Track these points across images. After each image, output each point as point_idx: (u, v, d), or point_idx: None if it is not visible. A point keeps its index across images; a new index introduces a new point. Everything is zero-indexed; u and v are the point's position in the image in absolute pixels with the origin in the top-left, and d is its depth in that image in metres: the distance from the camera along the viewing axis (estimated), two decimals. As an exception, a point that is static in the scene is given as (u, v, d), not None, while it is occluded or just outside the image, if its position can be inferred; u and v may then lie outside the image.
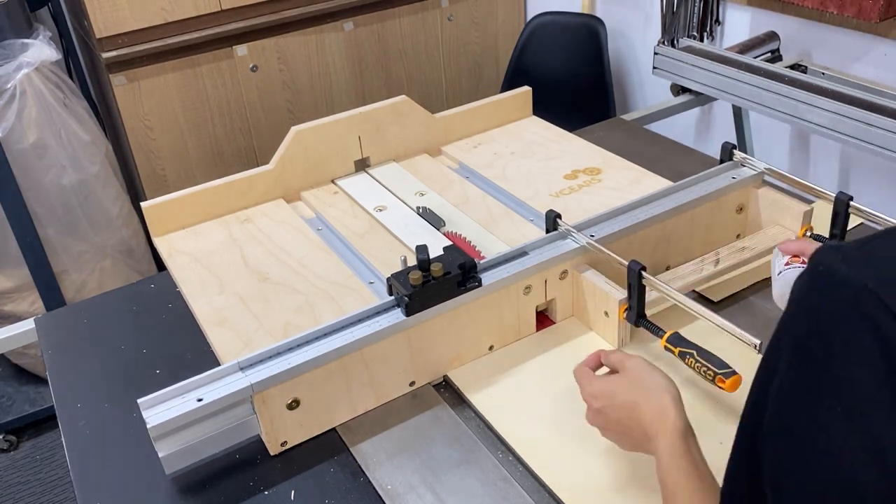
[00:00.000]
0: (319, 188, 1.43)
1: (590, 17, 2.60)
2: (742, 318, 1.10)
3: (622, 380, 0.85)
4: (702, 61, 1.81)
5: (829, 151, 2.04)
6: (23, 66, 2.02)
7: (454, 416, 0.99)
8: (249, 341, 1.07)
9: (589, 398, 0.87)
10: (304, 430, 0.97)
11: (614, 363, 0.88)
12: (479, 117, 1.59)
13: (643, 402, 0.81)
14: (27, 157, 2.08)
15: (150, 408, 0.88)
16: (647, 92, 2.60)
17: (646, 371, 0.84)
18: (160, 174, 2.39)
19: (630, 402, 0.82)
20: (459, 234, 1.27)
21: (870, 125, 1.49)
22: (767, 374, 0.54)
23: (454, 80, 2.85)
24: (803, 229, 1.17)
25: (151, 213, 1.31)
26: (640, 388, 0.82)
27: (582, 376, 0.89)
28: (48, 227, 2.18)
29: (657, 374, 0.83)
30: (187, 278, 1.22)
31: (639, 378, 0.83)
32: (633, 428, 0.81)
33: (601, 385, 0.86)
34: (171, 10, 2.20)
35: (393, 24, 2.62)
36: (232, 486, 0.92)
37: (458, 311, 1.01)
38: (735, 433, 0.61)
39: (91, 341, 1.18)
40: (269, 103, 2.48)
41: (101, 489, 0.93)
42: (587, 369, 0.90)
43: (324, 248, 1.26)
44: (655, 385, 0.82)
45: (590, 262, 1.10)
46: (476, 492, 0.88)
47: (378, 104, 1.44)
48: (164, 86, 2.29)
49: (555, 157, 1.49)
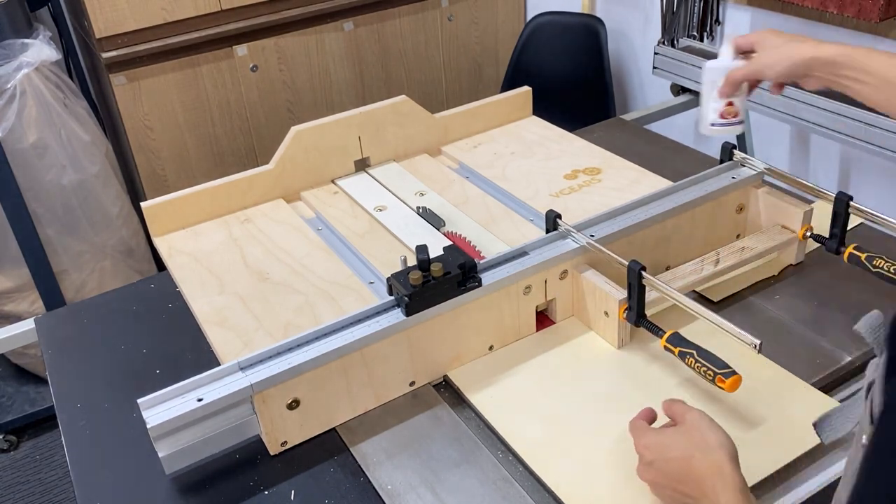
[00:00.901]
0: (319, 188, 1.43)
1: (590, 17, 2.60)
2: (742, 318, 1.11)
3: (678, 433, 0.81)
4: (702, 61, 1.81)
5: (829, 151, 2.04)
6: (23, 66, 2.02)
7: (454, 416, 0.99)
8: (249, 341, 1.07)
9: (642, 450, 0.83)
10: (304, 430, 0.97)
11: (674, 414, 0.85)
12: (479, 117, 1.59)
13: (699, 457, 0.77)
14: (27, 157, 2.08)
15: (150, 408, 0.88)
16: (647, 92, 2.60)
17: (705, 425, 0.80)
18: (160, 174, 2.39)
19: (685, 457, 0.78)
20: (459, 234, 1.27)
21: (870, 125, 1.49)
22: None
23: (454, 80, 2.85)
24: (803, 229, 1.17)
25: (151, 213, 1.31)
26: (698, 442, 0.79)
27: (635, 428, 0.86)
28: (48, 227, 2.18)
29: (716, 430, 0.80)
30: (187, 278, 1.22)
31: (697, 432, 0.80)
32: (687, 483, 0.78)
33: (655, 437, 0.83)
34: (171, 10, 2.20)
35: (393, 24, 2.62)
36: (232, 486, 0.92)
37: (458, 311, 1.01)
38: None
39: (91, 341, 1.18)
40: (269, 103, 2.48)
41: (101, 489, 0.93)
42: (641, 422, 0.87)
43: (324, 248, 1.26)
44: (713, 441, 0.78)
45: (590, 262, 1.10)
46: (476, 492, 0.88)
47: (378, 104, 1.44)
48: (164, 86, 2.29)
49: (555, 157, 1.49)
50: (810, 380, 0.99)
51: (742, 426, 0.92)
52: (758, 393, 0.96)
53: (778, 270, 1.20)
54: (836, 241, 1.14)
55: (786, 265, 1.20)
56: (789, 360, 1.01)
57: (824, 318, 1.10)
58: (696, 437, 0.80)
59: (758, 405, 0.95)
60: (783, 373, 0.99)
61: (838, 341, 1.06)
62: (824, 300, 1.13)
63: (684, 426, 0.82)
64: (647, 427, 0.86)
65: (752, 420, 0.93)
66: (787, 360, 1.01)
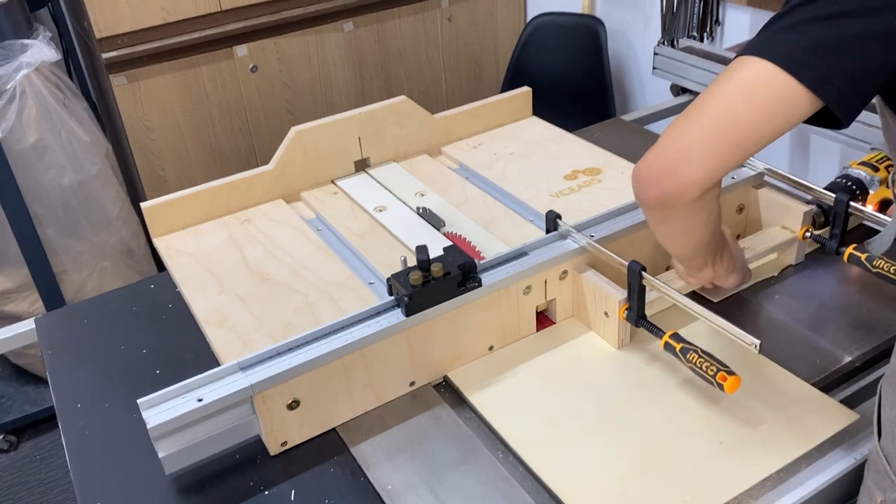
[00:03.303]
0: (319, 188, 1.43)
1: (590, 17, 2.60)
2: (742, 319, 1.11)
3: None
4: (702, 61, 1.81)
5: (829, 151, 2.04)
6: (23, 66, 2.02)
7: (454, 416, 0.99)
8: (249, 342, 1.07)
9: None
10: (304, 430, 0.97)
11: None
12: (479, 117, 1.59)
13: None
14: (27, 157, 2.08)
15: (150, 408, 0.88)
16: (647, 92, 2.60)
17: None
18: (160, 174, 2.39)
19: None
20: (459, 234, 1.27)
21: (870, 125, 1.49)
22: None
23: (454, 80, 2.85)
24: (803, 229, 1.17)
25: (151, 214, 1.31)
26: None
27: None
28: (48, 227, 2.18)
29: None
30: (187, 278, 1.22)
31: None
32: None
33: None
34: (171, 10, 2.20)
35: (392, 24, 2.62)
36: (232, 486, 0.92)
37: (458, 312, 1.01)
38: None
39: (91, 341, 1.18)
40: (269, 103, 2.48)
41: (101, 489, 0.93)
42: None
43: (324, 249, 1.26)
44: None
45: (590, 263, 1.10)
46: (476, 492, 0.88)
47: (378, 104, 1.44)
48: (164, 86, 2.29)
49: (555, 157, 1.49)
50: (810, 380, 0.99)
51: (742, 426, 0.92)
52: (758, 393, 0.96)
53: (778, 270, 1.20)
54: (836, 241, 1.14)
55: (786, 265, 1.21)
56: (789, 360, 1.01)
57: (824, 318, 1.10)
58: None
59: (758, 405, 0.95)
60: (783, 373, 0.99)
61: (838, 341, 1.06)
62: (824, 300, 1.13)
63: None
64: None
65: (752, 420, 0.93)
66: (787, 360, 1.01)
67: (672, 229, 0.89)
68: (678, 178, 0.79)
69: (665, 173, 0.80)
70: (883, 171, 1.23)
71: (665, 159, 0.80)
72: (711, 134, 0.76)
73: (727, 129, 0.75)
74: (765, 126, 0.74)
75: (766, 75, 0.72)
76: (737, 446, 0.90)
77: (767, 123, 0.74)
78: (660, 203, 0.82)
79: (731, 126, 0.75)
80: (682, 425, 0.93)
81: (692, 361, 0.92)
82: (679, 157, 0.78)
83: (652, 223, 0.90)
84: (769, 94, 0.72)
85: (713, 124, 0.76)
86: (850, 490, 0.89)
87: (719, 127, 0.75)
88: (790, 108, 0.72)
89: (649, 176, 0.82)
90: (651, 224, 0.90)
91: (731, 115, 0.74)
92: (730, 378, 0.88)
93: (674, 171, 0.79)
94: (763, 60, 0.72)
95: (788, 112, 0.72)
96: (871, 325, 1.08)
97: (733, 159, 0.77)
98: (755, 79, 0.73)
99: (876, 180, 1.22)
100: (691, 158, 0.77)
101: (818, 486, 0.86)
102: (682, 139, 0.78)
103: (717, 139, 0.76)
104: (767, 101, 0.72)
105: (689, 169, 0.78)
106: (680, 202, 0.81)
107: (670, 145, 0.79)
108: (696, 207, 0.83)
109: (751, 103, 0.73)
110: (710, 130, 0.76)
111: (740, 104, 0.74)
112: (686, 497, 0.85)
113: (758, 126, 0.74)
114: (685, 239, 0.91)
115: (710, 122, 0.76)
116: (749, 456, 0.89)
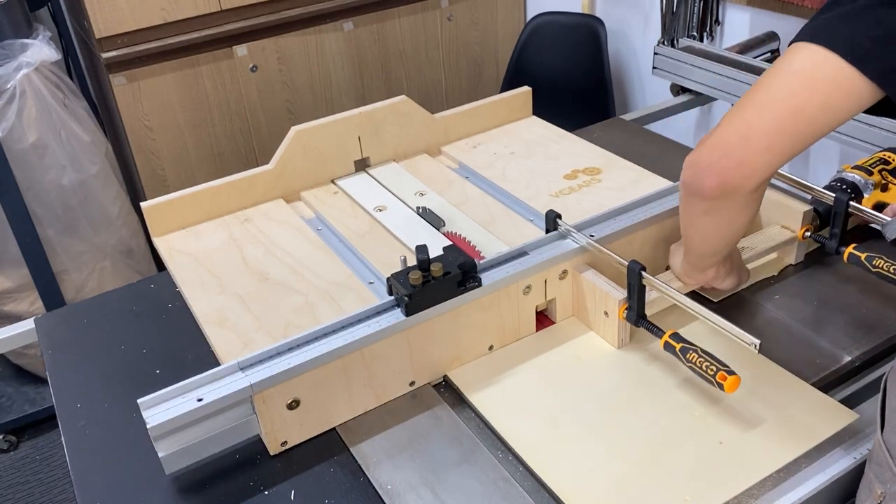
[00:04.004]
0: (319, 188, 1.43)
1: (590, 17, 2.60)
2: (742, 318, 1.11)
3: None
4: (702, 61, 1.81)
5: (829, 151, 2.04)
6: (23, 66, 2.02)
7: (454, 416, 0.99)
8: (249, 341, 1.07)
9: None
10: (304, 430, 0.97)
11: None
12: (478, 117, 1.59)
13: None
14: (27, 157, 2.08)
15: (150, 408, 0.88)
16: (647, 92, 2.61)
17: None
18: (160, 174, 2.39)
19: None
20: (459, 234, 1.27)
21: (870, 125, 1.49)
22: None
23: (454, 80, 2.86)
24: (803, 229, 1.17)
25: (151, 213, 1.31)
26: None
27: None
28: (48, 227, 2.18)
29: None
30: (187, 278, 1.22)
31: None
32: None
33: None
34: (171, 10, 2.20)
35: (392, 24, 2.62)
36: (232, 486, 0.92)
37: (458, 311, 1.01)
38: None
39: (91, 341, 1.18)
40: (269, 103, 2.48)
41: (101, 489, 0.93)
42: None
43: (324, 248, 1.26)
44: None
45: (590, 262, 1.10)
46: (476, 492, 0.88)
47: (378, 104, 1.44)
48: (164, 86, 2.29)
49: (555, 157, 1.50)
50: (810, 380, 0.99)
51: (742, 426, 0.92)
52: (758, 393, 0.96)
53: (778, 270, 1.20)
54: (836, 241, 1.14)
55: (786, 265, 1.21)
56: (789, 360, 1.01)
57: (824, 318, 1.10)
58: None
59: (758, 405, 0.95)
60: (783, 373, 0.99)
61: (838, 341, 1.06)
62: (824, 300, 1.13)
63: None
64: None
65: (752, 420, 0.93)
66: (787, 360, 1.01)
67: (715, 221, 0.89)
68: (740, 168, 0.79)
69: (727, 162, 0.79)
70: (877, 175, 1.23)
71: (727, 149, 0.80)
72: (775, 125, 0.75)
73: (790, 120, 0.74)
74: (826, 116, 0.74)
75: (831, 67, 0.71)
76: (737, 446, 0.90)
77: (829, 113, 0.73)
78: (718, 192, 0.82)
79: (794, 118, 0.74)
80: (682, 425, 0.93)
81: (692, 361, 0.92)
82: (741, 148, 0.78)
83: (695, 214, 0.89)
84: (832, 85, 0.71)
85: (776, 115, 0.75)
86: (849, 490, 0.89)
87: (782, 118, 0.75)
88: (852, 99, 0.72)
89: (709, 165, 0.82)
90: (693, 216, 0.90)
91: (794, 106, 0.74)
92: (730, 378, 0.88)
93: (736, 161, 0.79)
94: (826, 50, 0.71)
95: (850, 103, 0.72)
96: (871, 325, 1.08)
97: (795, 150, 0.77)
98: (818, 70, 0.72)
99: (870, 184, 1.22)
100: (754, 149, 0.77)
101: (818, 485, 0.86)
102: (745, 130, 0.78)
103: (780, 130, 0.75)
104: (830, 93, 0.72)
105: (752, 159, 0.78)
106: (739, 192, 0.81)
107: (732, 135, 0.79)
108: (749, 199, 0.83)
109: (814, 95, 0.73)
110: (774, 121, 0.76)
111: (803, 95, 0.73)
112: (686, 497, 0.85)
113: (820, 117, 0.74)
114: (723, 233, 0.91)
115: (774, 114, 0.75)
116: (749, 456, 0.89)
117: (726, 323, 0.91)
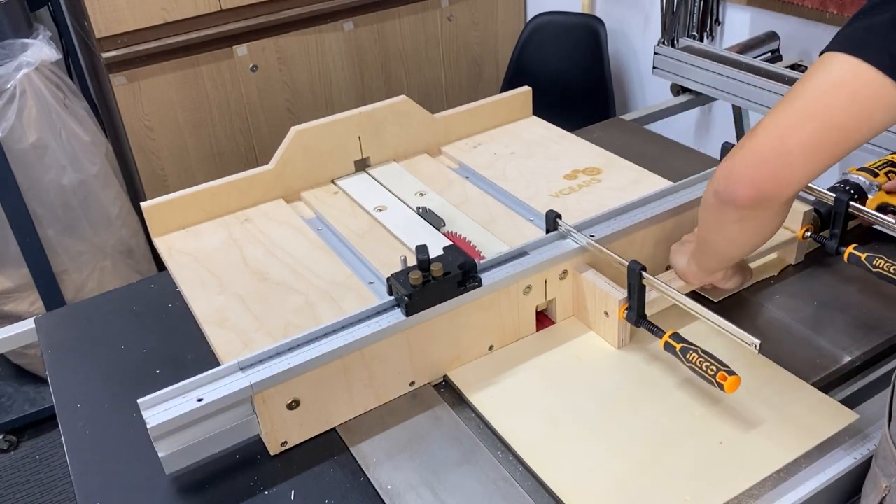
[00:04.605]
0: (319, 188, 1.43)
1: (590, 17, 2.60)
2: (742, 318, 1.11)
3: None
4: (702, 61, 1.81)
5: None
6: (23, 66, 2.02)
7: (454, 416, 0.99)
8: (249, 341, 1.07)
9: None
10: (304, 430, 0.97)
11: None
12: (479, 117, 1.59)
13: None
14: (27, 157, 2.08)
15: (150, 408, 0.88)
16: (647, 92, 2.61)
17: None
18: (160, 174, 2.39)
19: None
20: (459, 234, 1.27)
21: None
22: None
23: (454, 80, 2.86)
24: (803, 229, 1.17)
25: (151, 213, 1.31)
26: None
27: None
28: (48, 227, 2.18)
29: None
30: (187, 278, 1.22)
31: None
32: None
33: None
34: (171, 10, 2.20)
35: (393, 24, 2.62)
36: (232, 486, 0.92)
37: (458, 311, 1.01)
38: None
39: (91, 341, 1.18)
40: (269, 103, 2.48)
41: (101, 489, 0.93)
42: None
43: (324, 248, 1.26)
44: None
45: (590, 262, 1.10)
46: (476, 492, 0.88)
47: (378, 104, 1.44)
48: (164, 86, 2.29)
49: (555, 157, 1.49)
50: (810, 380, 0.99)
51: (742, 426, 0.92)
52: (758, 393, 0.96)
53: (778, 270, 1.20)
54: (836, 241, 1.14)
55: (786, 265, 1.20)
56: (789, 360, 1.01)
57: (824, 318, 1.10)
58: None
59: (758, 405, 0.95)
60: (783, 373, 0.99)
61: (838, 341, 1.06)
62: (824, 300, 1.13)
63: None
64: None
65: (752, 420, 0.93)
66: (787, 360, 1.01)
67: (747, 229, 0.88)
68: (776, 180, 0.79)
69: (765, 174, 0.79)
70: (883, 177, 1.23)
71: (764, 160, 0.79)
72: (814, 138, 0.75)
73: (828, 133, 0.74)
74: (864, 128, 0.73)
75: (870, 80, 0.70)
76: (737, 446, 0.90)
77: (866, 125, 0.73)
78: (753, 202, 0.82)
79: (832, 130, 0.74)
80: (682, 425, 0.93)
81: (692, 361, 0.92)
82: (779, 160, 0.77)
83: (727, 222, 0.89)
84: (873, 98, 0.71)
85: (815, 128, 0.75)
86: (850, 490, 0.89)
87: (821, 130, 0.74)
88: (891, 112, 0.72)
89: (743, 175, 0.81)
90: (724, 224, 0.89)
91: (832, 119, 0.74)
92: (730, 378, 0.88)
93: (773, 172, 0.78)
94: (862, 62, 0.71)
95: (889, 115, 0.72)
96: (871, 325, 1.08)
97: (831, 161, 0.76)
98: (858, 83, 0.71)
99: (875, 185, 1.22)
100: (792, 162, 0.77)
101: (818, 485, 0.86)
102: (781, 141, 0.77)
103: (818, 143, 0.75)
104: (870, 106, 0.71)
105: (790, 171, 0.77)
106: (774, 203, 0.81)
107: (769, 146, 0.78)
108: (783, 208, 0.84)
109: (852, 107, 0.72)
110: (813, 134, 0.75)
111: (843, 108, 0.73)
112: (686, 497, 0.85)
113: (857, 129, 0.73)
114: (753, 240, 0.91)
115: (812, 126, 0.75)
116: (749, 456, 0.89)
117: (726, 323, 0.91)
